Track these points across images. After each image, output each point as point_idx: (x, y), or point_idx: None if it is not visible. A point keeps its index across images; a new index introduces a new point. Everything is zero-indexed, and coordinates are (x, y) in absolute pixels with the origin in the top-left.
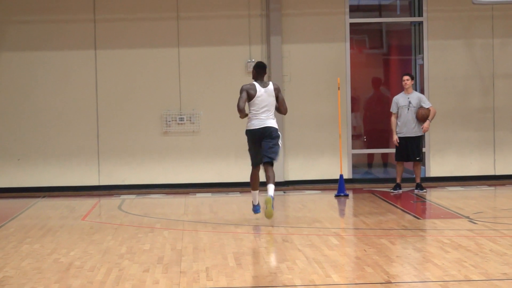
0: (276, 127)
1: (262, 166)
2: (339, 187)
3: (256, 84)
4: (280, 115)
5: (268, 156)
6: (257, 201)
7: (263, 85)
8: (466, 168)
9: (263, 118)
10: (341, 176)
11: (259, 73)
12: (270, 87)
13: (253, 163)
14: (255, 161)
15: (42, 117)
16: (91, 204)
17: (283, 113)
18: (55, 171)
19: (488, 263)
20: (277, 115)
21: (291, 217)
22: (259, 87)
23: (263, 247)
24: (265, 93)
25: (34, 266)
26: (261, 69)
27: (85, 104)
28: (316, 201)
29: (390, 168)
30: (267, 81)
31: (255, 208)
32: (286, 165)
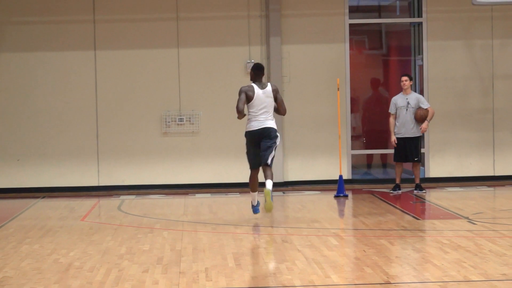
0: (275, 128)
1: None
2: (339, 187)
3: (254, 85)
4: (279, 115)
5: (265, 159)
6: (256, 202)
7: (261, 86)
8: (465, 168)
9: (262, 119)
10: (341, 176)
11: (257, 74)
12: (268, 88)
13: (251, 166)
14: (253, 163)
15: (41, 118)
16: (91, 204)
17: (282, 114)
18: (54, 171)
19: (487, 264)
20: (277, 116)
21: (290, 217)
22: (257, 89)
23: (263, 247)
24: (263, 94)
25: (33, 266)
26: (259, 70)
27: (84, 104)
28: (315, 202)
29: (389, 168)
30: (265, 82)
31: (254, 208)
32: (285, 165)
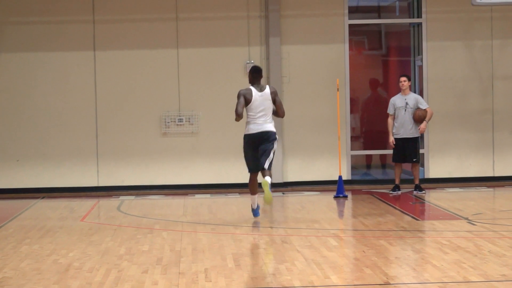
0: (274, 131)
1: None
2: (338, 188)
3: (252, 88)
4: (278, 118)
5: (262, 163)
6: (256, 205)
7: (260, 89)
8: (465, 169)
9: (260, 122)
10: (340, 177)
11: (255, 77)
12: (266, 90)
13: (250, 169)
14: (252, 167)
15: (41, 118)
16: (90, 205)
17: (280, 117)
18: (54, 172)
19: (487, 265)
20: (276, 118)
21: (290, 218)
22: (255, 91)
23: (262, 248)
24: (261, 97)
25: (33, 267)
26: (256, 73)
27: (84, 105)
28: (315, 202)
29: (389, 169)
30: (263, 84)
31: (254, 211)
32: (285, 166)
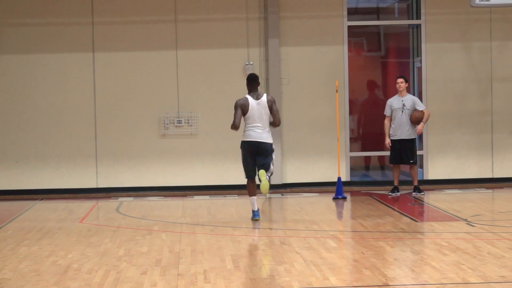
0: (271, 142)
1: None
2: (337, 189)
3: (248, 97)
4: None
5: (263, 167)
6: (256, 207)
7: (256, 97)
8: (464, 171)
9: (258, 131)
10: (339, 178)
11: (251, 85)
12: (263, 99)
13: (247, 175)
14: (250, 173)
15: (40, 119)
16: (89, 206)
17: (275, 125)
18: (53, 173)
19: (486, 266)
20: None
21: (289, 219)
22: (251, 100)
23: (261, 249)
24: (258, 105)
25: (32, 268)
26: (253, 81)
27: (83, 106)
28: (314, 204)
29: (387, 170)
30: (261, 92)
31: (254, 214)
32: (284, 167)
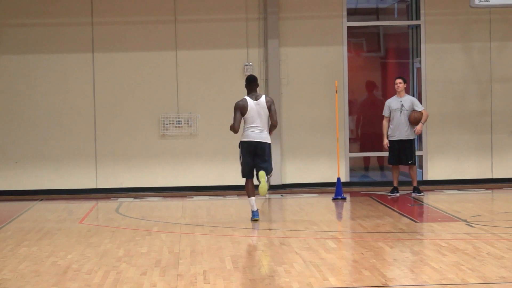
0: (269, 142)
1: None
2: (337, 190)
3: (247, 98)
4: (278, 118)
5: (262, 168)
6: (255, 208)
7: (255, 97)
8: (463, 171)
9: (257, 131)
10: (339, 179)
11: (250, 86)
12: (262, 99)
13: (245, 175)
14: (248, 173)
15: (39, 120)
16: (89, 207)
17: (272, 125)
18: (52, 174)
19: (485, 267)
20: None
21: (288, 220)
22: (250, 101)
23: (261, 250)
24: (256, 106)
25: (31, 269)
26: (252, 82)
27: (82, 107)
28: (313, 204)
29: (387, 171)
30: (260, 93)
31: (253, 214)
32: (283, 168)
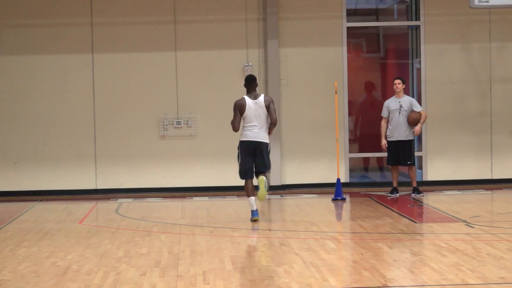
0: (267, 142)
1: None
2: (336, 191)
3: (246, 98)
4: (277, 119)
5: (261, 170)
6: (254, 207)
7: (254, 97)
8: (463, 172)
9: (256, 130)
10: (338, 180)
11: (249, 86)
12: (260, 99)
13: (243, 176)
14: (247, 174)
15: (39, 121)
16: (88, 207)
17: (272, 123)
18: (52, 174)
19: (485, 267)
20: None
21: (288, 220)
22: (248, 100)
23: (260, 250)
24: (255, 105)
25: (31, 269)
26: (251, 82)
27: (82, 108)
28: (313, 205)
29: (386, 172)
30: (259, 93)
31: (253, 213)
32: (283, 169)
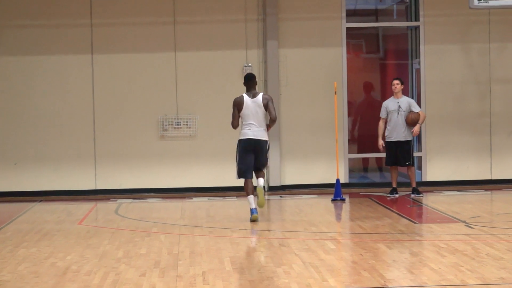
0: (266, 139)
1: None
2: (336, 191)
3: (245, 96)
4: (277, 120)
5: (260, 168)
6: (253, 205)
7: (252, 95)
8: (462, 172)
9: (254, 128)
10: (338, 180)
11: (248, 84)
12: (258, 97)
13: (242, 175)
14: (246, 172)
15: (39, 121)
16: (88, 208)
17: (271, 120)
18: (52, 175)
19: (484, 268)
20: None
21: (287, 221)
22: (247, 98)
23: (260, 251)
24: (253, 104)
25: (30, 270)
26: (250, 80)
27: (82, 108)
28: (312, 206)
29: (386, 172)
30: (258, 91)
31: (252, 211)
32: (282, 169)
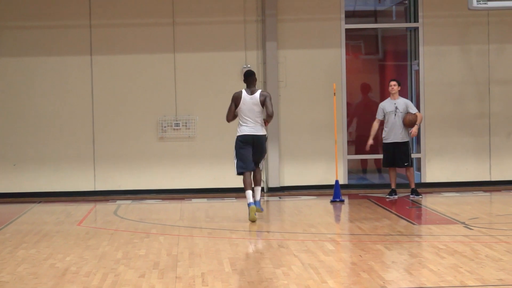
0: (263, 134)
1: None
2: (335, 192)
3: (243, 91)
4: (276, 121)
5: (258, 160)
6: (251, 200)
7: (251, 92)
8: (461, 173)
9: (251, 125)
10: (337, 181)
11: (248, 81)
12: (256, 94)
13: (241, 170)
14: (242, 167)
15: (38, 122)
16: (87, 209)
17: (268, 116)
18: (51, 176)
19: (483, 269)
20: (274, 122)
21: (286, 222)
22: (245, 95)
23: (259, 252)
24: (250, 100)
25: (30, 271)
26: (249, 77)
27: (81, 109)
28: (311, 207)
29: (385, 173)
30: (256, 89)
31: (249, 204)
32: (282, 170)
